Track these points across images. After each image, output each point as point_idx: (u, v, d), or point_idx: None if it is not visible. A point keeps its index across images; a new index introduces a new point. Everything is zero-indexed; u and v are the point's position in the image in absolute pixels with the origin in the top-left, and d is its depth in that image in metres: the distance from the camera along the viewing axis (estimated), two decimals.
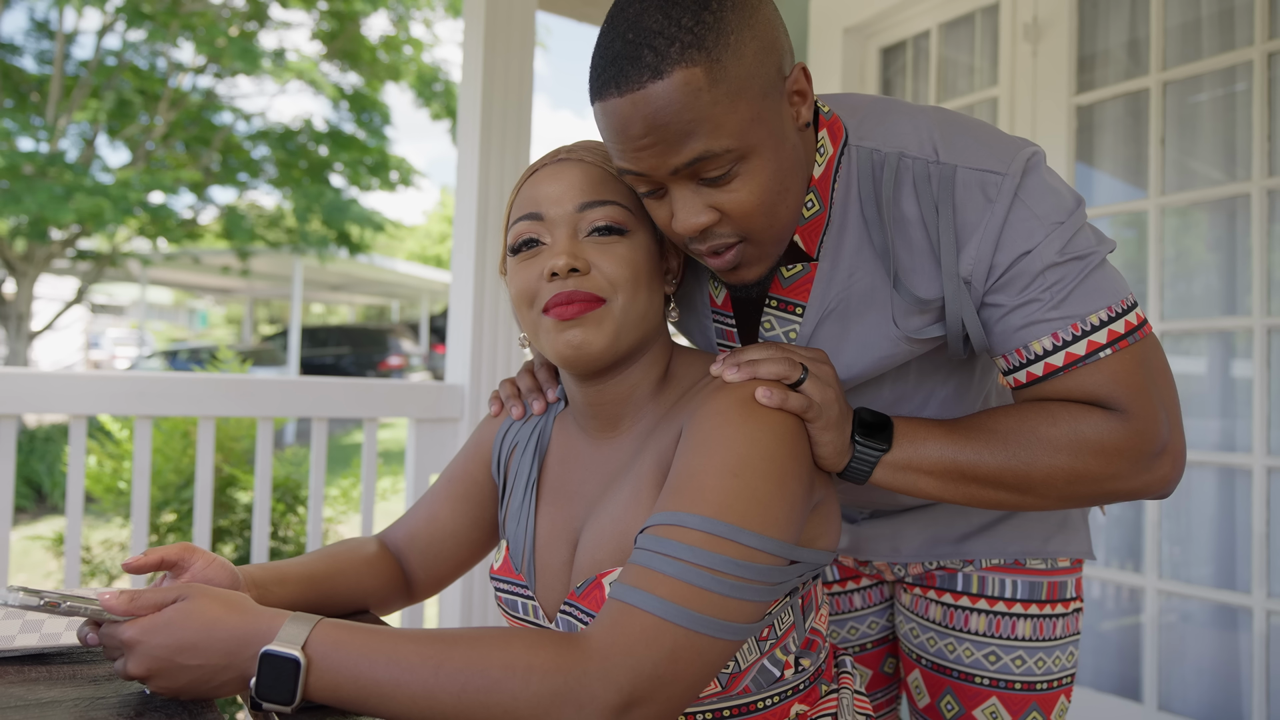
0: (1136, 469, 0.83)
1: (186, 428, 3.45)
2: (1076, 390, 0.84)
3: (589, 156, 0.86)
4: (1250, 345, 2.12)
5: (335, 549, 1.00)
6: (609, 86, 0.75)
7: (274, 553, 3.33)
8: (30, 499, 8.07)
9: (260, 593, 0.88)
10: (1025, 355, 0.84)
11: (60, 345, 18.81)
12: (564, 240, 0.82)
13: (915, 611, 1.11)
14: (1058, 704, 1.06)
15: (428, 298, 19.00)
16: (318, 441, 2.08)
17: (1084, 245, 0.83)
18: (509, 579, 0.92)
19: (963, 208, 0.82)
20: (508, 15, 2.34)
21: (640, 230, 0.85)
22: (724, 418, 0.77)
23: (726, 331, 0.96)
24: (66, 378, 1.78)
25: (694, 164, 0.76)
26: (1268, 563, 2.04)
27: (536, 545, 0.91)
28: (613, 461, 0.88)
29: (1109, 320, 0.82)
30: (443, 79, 12.46)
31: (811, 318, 0.90)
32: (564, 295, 0.80)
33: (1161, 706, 2.20)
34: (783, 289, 0.90)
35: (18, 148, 9.59)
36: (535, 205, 0.84)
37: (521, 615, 0.91)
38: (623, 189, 0.85)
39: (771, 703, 0.84)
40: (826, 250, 0.88)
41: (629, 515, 0.81)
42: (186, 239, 11.76)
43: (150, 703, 0.72)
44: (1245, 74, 2.15)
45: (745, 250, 0.83)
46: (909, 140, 0.86)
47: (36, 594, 0.72)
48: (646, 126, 0.75)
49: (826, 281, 0.89)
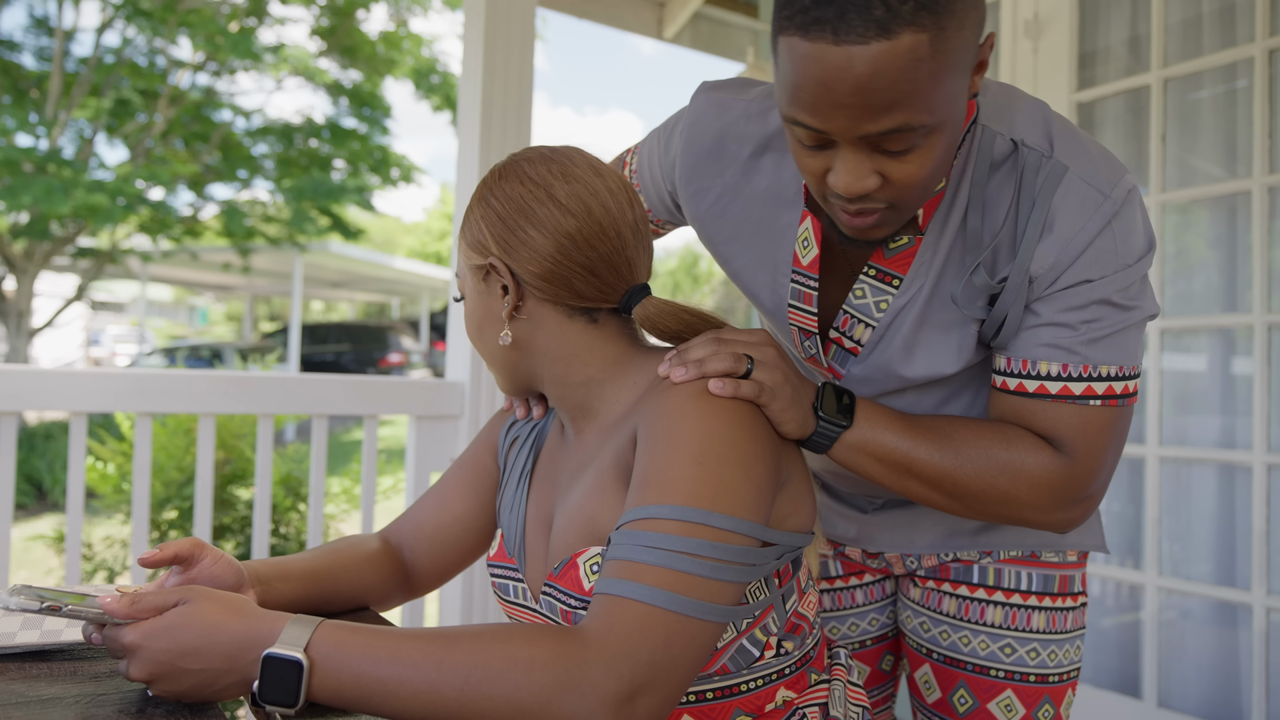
0: (1057, 507, 0.87)
1: (189, 425, 3.46)
2: (1045, 420, 0.86)
3: None
4: (1251, 342, 2.12)
5: (337, 545, 1.00)
6: (823, 29, 0.68)
7: (275, 550, 3.33)
8: (31, 496, 8.08)
9: (264, 589, 0.88)
10: (1030, 369, 0.86)
11: (60, 342, 18.81)
12: None
13: (926, 605, 1.10)
14: (1066, 697, 1.06)
15: (428, 294, 18.99)
16: (318, 439, 2.08)
17: (1136, 297, 0.84)
18: (502, 563, 0.95)
19: (1060, 210, 0.82)
20: (508, 11, 2.34)
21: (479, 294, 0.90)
22: (681, 412, 0.78)
23: (805, 294, 0.95)
24: (67, 375, 1.78)
25: (888, 135, 0.72)
26: (1268, 560, 2.04)
27: (526, 531, 0.94)
28: (581, 453, 0.91)
29: (1114, 379, 0.85)
30: (441, 70, 12.44)
31: (907, 291, 0.89)
32: None
33: (1161, 703, 2.20)
34: (884, 259, 0.89)
35: (16, 144, 9.59)
36: None
37: (513, 598, 0.94)
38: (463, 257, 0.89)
39: (756, 685, 0.85)
40: (934, 225, 0.87)
41: (591, 502, 0.84)
42: (186, 236, 11.76)
43: (151, 700, 0.72)
44: (1246, 71, 2.14)
45: (888, 215, 0.81)
46: (1028, 129, 0.85)
47: (38, 597, 0.72)
48: (855, 87, 0.69)
49: (929, 258, 0.88)
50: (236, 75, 11.73)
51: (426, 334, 17.96)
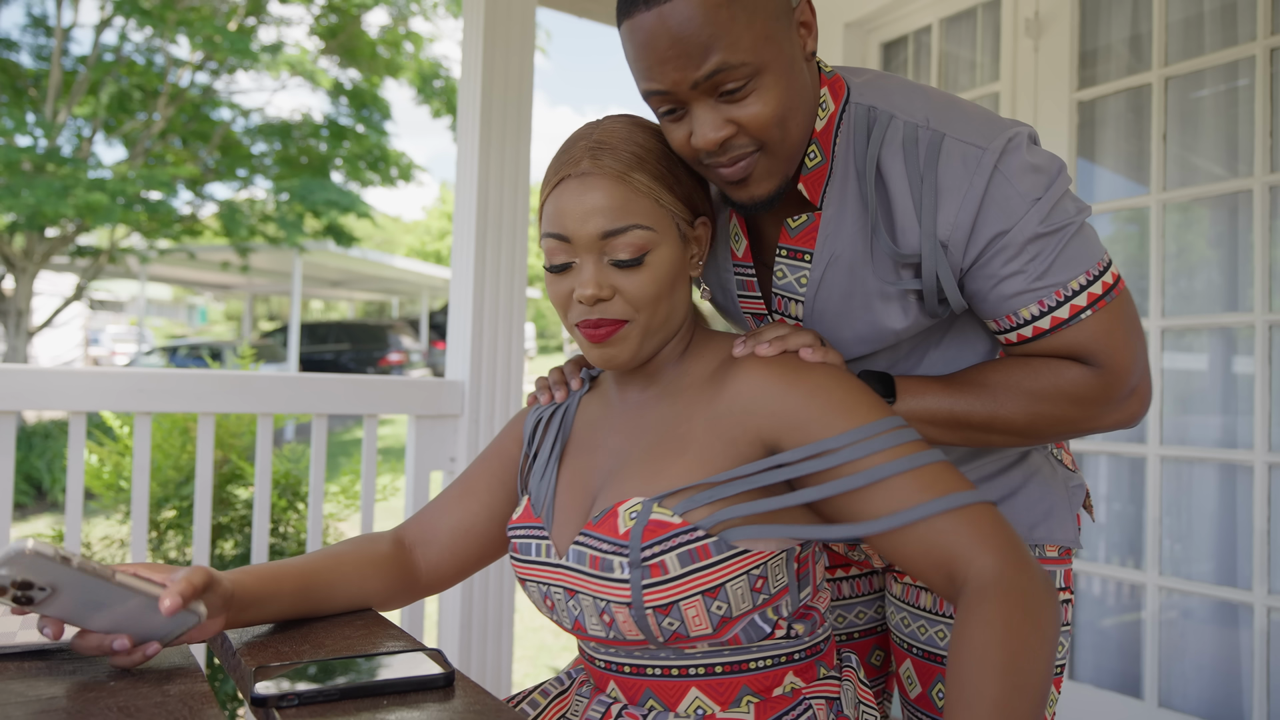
0: (1108, 410, 0.94)
1: (186, 424, 3.45)
2: (1063, 347, 0.92)
3: (613, 163, 0.88)
4: (1252, 341, 2.11)
5: (340, 550, 0.99)
6: (638, 3, 0.82)
7: (274, 549, 3.33)
8: (30, 495, 8.07)
9: (256, 613, 0.87)
10: (1015, 320, 0.92)
11: (59, 341, 18.79)
12: (590, 270, 0.88)
13: (906, 600, 1.11)
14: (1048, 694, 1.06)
15: (428, 294, 18.99)
16: (318, 438, 2.07)
17: (1063, 216, 0.88)
18: (527, 523, 0.96)
19: (944, 174, 0.88)
20: (507, 11, 2.34)
21: (663, 239, 0.89)
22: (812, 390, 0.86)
23: (747, 281, 1.04)
24: (66, 374, 1.78)
25: (713, 76, 0.83)
26: (1268, 559, 2.04)
27: (557, 493, 0.96)
28: (643, 418, 0.95)
29: (1088, 284, 0.90)
30: (443, 76, 12.44)
31: (819, 264, 0.97)
32: (590, 322, 0.89)
33: (1162, 703, 2.20)
34: (790, 238, 0.98)
35: (15, 143, 9.58)
36: (561, 225, 0.88)
37: (534, 557, 0.94)
38: (645, 203, 0.88)
39: (764, 664, 0.88)
40: (830, 200, 0.95)
41: (669, 464, 0.87)
42: (185, 235, 11.75)
43: (151, 699, 0.72)
44: (1247, 69, 2.14)
45: (760, 161, 0.88)
46: (904, 106, 0.92)
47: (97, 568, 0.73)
48: (670, 39, 0.81)
49: (831, 230, 0.95)
50: (236, 74, 11.73)
51: (426, 333, 17.96)
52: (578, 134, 0.92)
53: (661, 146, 0.91)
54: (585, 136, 0.90)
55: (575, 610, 0.90)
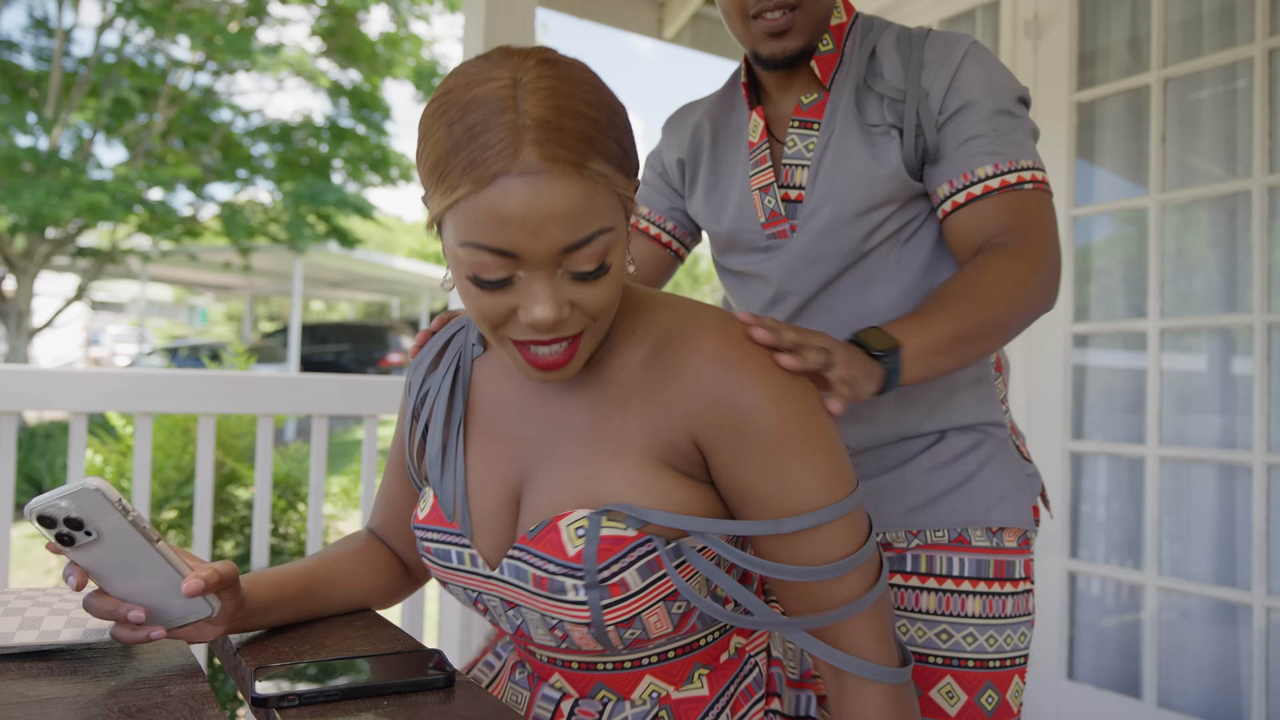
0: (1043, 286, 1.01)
1: (186, 424, 3.45)
2: (995, 219, 1.02)
3: (565, 152, 0.67)
4: (1251, 342, 2.12)
5: (335, 552, 0.98)
6: None
7: (274, 550, 3.33)
8: (31, 495, 8.08)
9: (259, 621, 0.87)
10: (970, 178, 1.03)
11: (60, 342, 18.80)
12: (544, 288, 0.70)
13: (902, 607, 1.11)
14: (1012, 684, 1.07)
15: (428, 294, 18.99)
16: (318, 438, 2.08)
17: (1023, 112, 1.06)
18: (440, 527, 0.86)
19: (929, 48, 1.07)
20: (507, 11, 2.34)
21: (620, 232, 0.73)
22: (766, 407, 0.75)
23: (761, 158, 1.14)
24: (67, 375, 1.78)
25: None
26: (1268, 559, 2.04)
27: (469, 492, 0.85)
28: (562, 402, 0.82)
29: (1033, 168, 1.03)
30: (441, 73, 12.44)
31: (826, 130, 1.10)
32: (544, 355, 0.74)
33: (1161, 703, 2.20)
34: (803, 112, 1.13)
35: (16, 144, 9.59)
36: (503, 239, 0.67)
37: (456, 565, 0.85)
38: (604, 197, 0.70)
39: (712, 638, 0.87)
40: (837, 84, 1.11)
41: (598, 468, 0.78)
42: (186, 236, 11.76)
43: (151, 699, 0.72)
44: (1246, 70, 2.14)
45: (797, 18, 1.07)
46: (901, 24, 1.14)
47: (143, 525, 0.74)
48: None
49: (838, 102, 1.10)
50: (236, 75, 11.74)
51: None
52: (493, 95, 0.67)
53: (602, 100, 0.71)
54: (509, 105, 0.67)
55: (516, 620, 0.83)
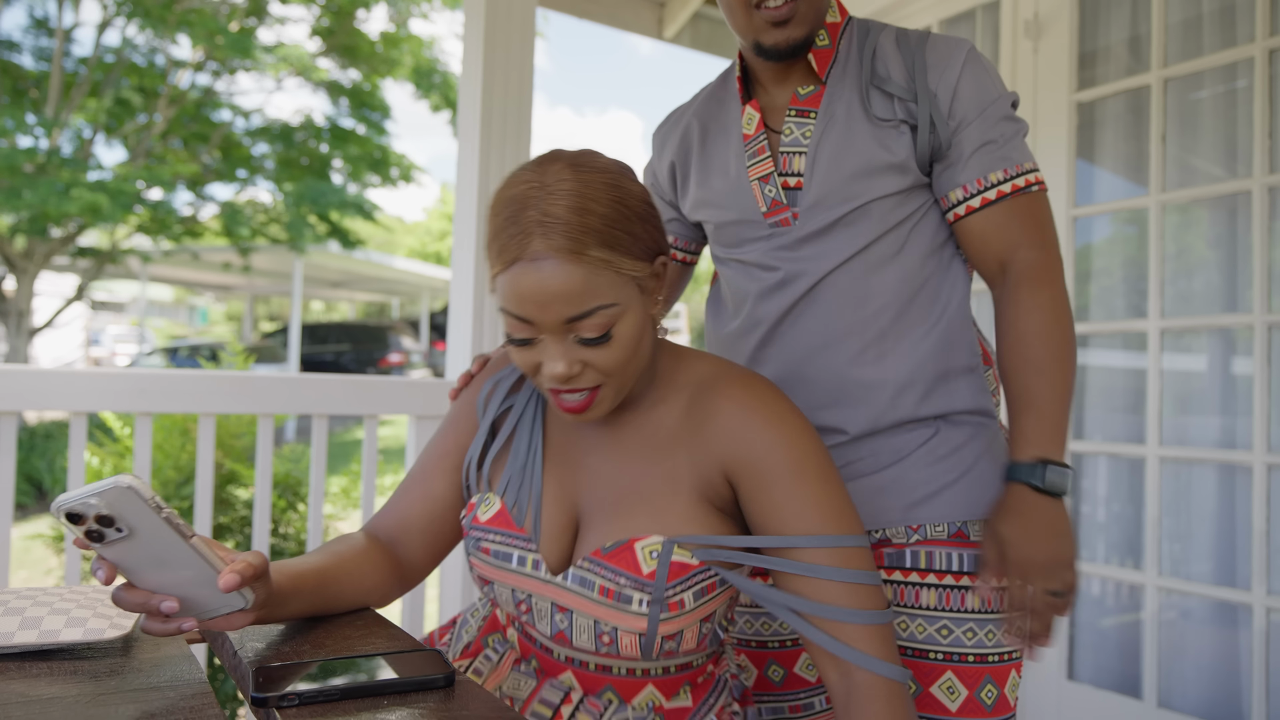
0: (1065, 292, 1.08)
1: (185, 424, 3.45)
2: (1008, 223, 1.07)
3: (564, 241, 0.83)
4: (1251, 342, 2.12)
5: (337, 549, 0.98)
6: None
7: (274, 550, 3.33)
8: (31, 495, 8.07)
9: (281, 611, 0.88)
10: (984, 183, 1.08)
11: (60, 342, 18.80)
12: (556, 349, 0.87)
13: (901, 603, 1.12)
14: (1010, 678, 1.08)
15: (428, 294, 18.99)
16: (318, 438, 2.08)
17: (1016, 113, 1.11)
18: (507, 531, 0.96)
19: (931, 51, 1.10)
20: (508, 11, 2.34)
21: (627, 308, 0.88)
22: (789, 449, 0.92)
23: (759, 149, 1.16)
24: (67, 374, 1.78)
25: None
26: (1268, 560, 2.04)
27: (543, 505, 0.97)
28: (621, 441, 0.97)
29: (1032, 170, 1.09)
30: (441, 70, 12.43)
31: (823, 117, 1.13)
32: (568, 401, 0.90)
33: (1161, 703, 2.20)
34: (800, 101, 1.15)
35: (17, 144, 9.59)
36: (521, 309, 0.86)
37: (515, 567, 0.95)
38: (604, 278, 0.85)
39: (700, 662, 0.99)
40: (833, 78, 1.14)
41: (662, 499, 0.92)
42: (186, 236, 11.76)
43: (151, 699, 0.72)
44: (1246, 70, 2.14)
45: (799, 6, 1.09)
46: (894, 26, 1.17)
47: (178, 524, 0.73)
48: None
49: (833, 94, 1.13)
50: (236, 75, 11.74)
51: (426, 334, 17.95)
52: (523, 195, 0.85)
53: (613, 197, 0.86)
54: (532, 204, 0.84)
55: (563, 623, 0.93)
